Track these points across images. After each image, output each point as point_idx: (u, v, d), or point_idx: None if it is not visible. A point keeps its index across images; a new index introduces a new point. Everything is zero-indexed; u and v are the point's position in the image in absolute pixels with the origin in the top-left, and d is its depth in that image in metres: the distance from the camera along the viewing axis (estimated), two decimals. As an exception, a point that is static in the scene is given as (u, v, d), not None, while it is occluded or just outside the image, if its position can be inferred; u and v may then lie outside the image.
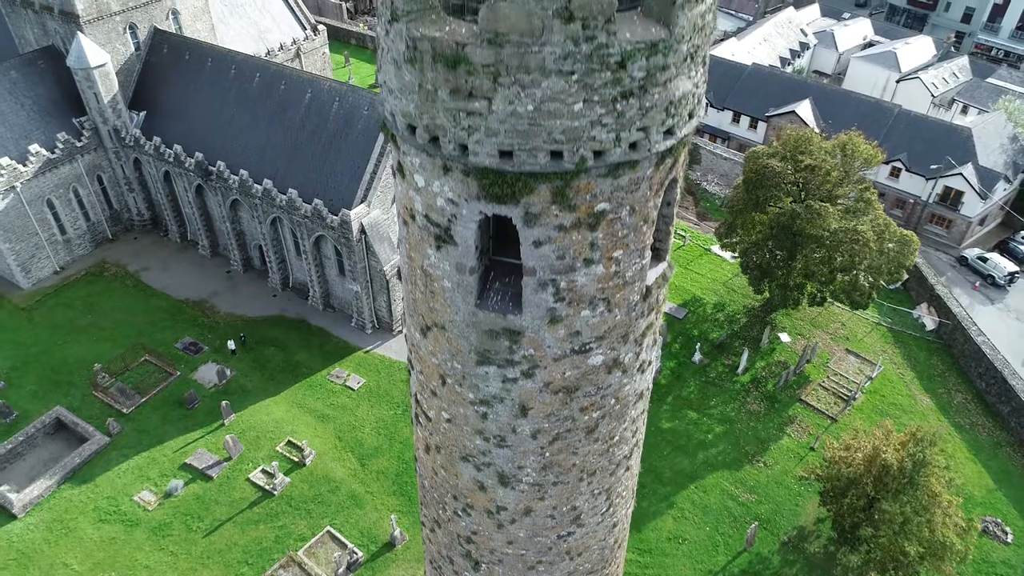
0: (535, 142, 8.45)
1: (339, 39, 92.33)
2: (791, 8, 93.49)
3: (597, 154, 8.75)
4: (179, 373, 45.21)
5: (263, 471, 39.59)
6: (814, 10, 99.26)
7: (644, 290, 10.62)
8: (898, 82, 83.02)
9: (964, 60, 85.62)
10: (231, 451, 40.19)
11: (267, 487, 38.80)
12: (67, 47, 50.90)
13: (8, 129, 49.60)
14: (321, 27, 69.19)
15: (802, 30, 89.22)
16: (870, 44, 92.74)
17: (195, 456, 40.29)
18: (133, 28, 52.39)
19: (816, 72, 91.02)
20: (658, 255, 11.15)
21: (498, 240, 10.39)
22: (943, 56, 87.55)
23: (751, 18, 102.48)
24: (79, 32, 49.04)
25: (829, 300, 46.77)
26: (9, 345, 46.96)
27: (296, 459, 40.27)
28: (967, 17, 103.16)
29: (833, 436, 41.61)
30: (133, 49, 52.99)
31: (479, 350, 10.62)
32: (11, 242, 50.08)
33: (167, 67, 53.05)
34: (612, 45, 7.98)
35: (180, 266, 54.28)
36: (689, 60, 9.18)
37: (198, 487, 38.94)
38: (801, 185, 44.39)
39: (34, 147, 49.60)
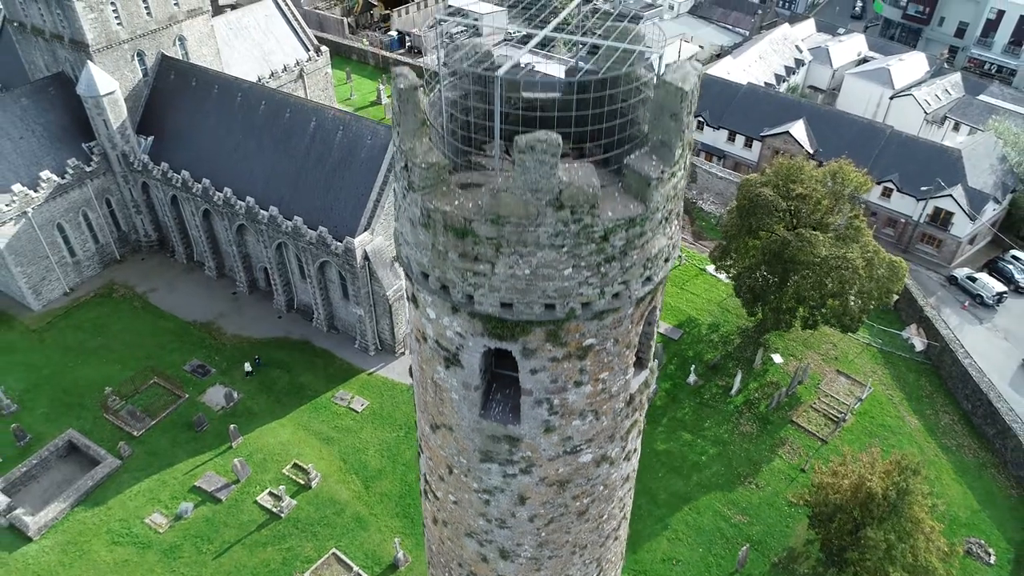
0: (531, 297, 9.75)
1: (341, 55, 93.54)
2: (786, 24, 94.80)
3: (584, 305, 10.05)
4: (187, 396, 46.46)
5: (270, 493, 40.84)
6: (809, 25, 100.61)
7: (628, 397, 11.94)
8: (891, 99, 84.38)
9: (956, 77, 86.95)
10: (239, 474, 41.44)
11: (274, 509, 40.05)
12: (77, 74, 52.15)
13: (20, 155, 50.84)
14: (324, 48, 70.39)
15: (797, 46, 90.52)
16: (864, 60, 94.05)
17: (204, 479, 41.55)
18: (141, 55, 53.62)
19: (811, 87, 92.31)
20: (640, 363, 12.45)
21: (499, 355, 11.67)
22: (936, 72, 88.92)
23: (747, 33, 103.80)
24: (89, 61, 50.27)
25: (820, 323, 48.02)
26: (21, 367, 48.19)
27: (302, 481, 41.53)
28: (960, 32, 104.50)
29: (823, 459, 42.90)
30: (141, 75, 54.23)
31: (482, 450, 11.93)
32: (22, 265, 51.32)
33: (174, 93, 54.28)
34: (596, 224, 9.26)
35: (187, 287, 55.52)
36: (663, 222, 10.47)
37: (207, 509, 40.19)
38: (792, 213, 45.67)
39: (45, 173, 50.86)
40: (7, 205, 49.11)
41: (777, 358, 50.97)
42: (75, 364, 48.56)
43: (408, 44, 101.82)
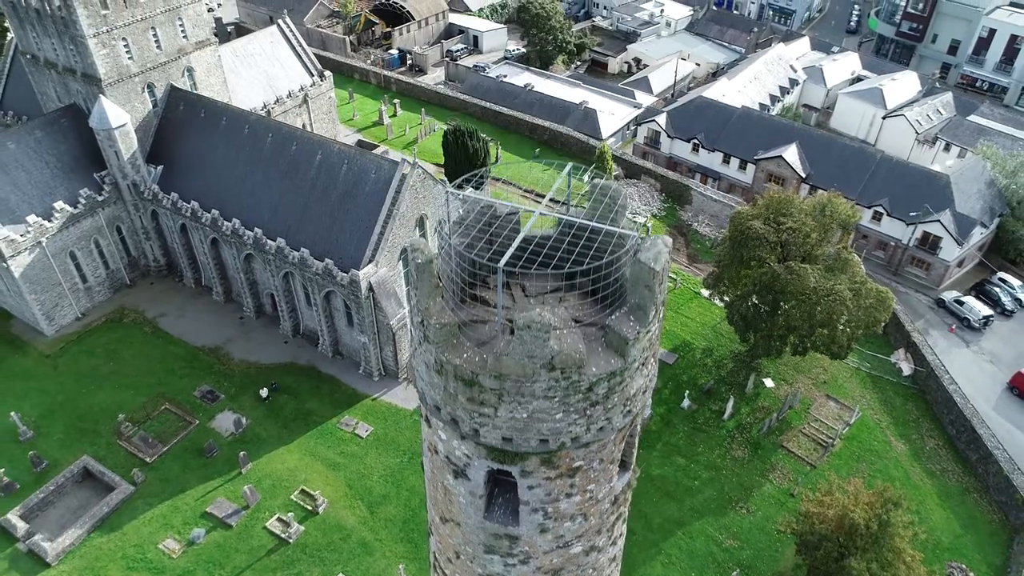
0: (528, 435, 11.36)
1: (343, 73, 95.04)
2: (781, 44, 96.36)
3: (573, 439, 11.67)
4: (197, 422, 48.03)
5: (279, 519, 42.41)
6: (804, 44, 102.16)
7: (613, 498, 13.55)
8: (884, 118, 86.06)
9: (948, 96, 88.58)
10: (248, 500, 43.02)
11: (283, 535, 41.62)
12: (89, 106, 53.74)
13: (34, 187, 52.41)
14: (327, 73, 71.90)
15: (791, 66, 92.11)
16: (858, 79, 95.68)
17: (215, 505, 43.12)
18: (151, 87, 55.18)
19: (806, 106, 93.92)
20: (624, 465, 14.04)
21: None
22: (928, 92, 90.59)
23: (743, 50, 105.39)
24: (101, 95, 51.84)
25: (810, 350, 49.59)
26: (36, 393, 49.76)
27: (309, 507, 43.11)
28: (953, 49, 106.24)
29: (811, 484, 44.52)
30: (151, 107, 55.78)
31: (486, 544, 13.53)
32: (36, 293, 52.87)
33: (183, 124, 55.85)
34: (583, 379, 10.87)
35: (195, 312, 57.07)
36: (641, 367, 12.07)
37: (219, 535, 41.76)
38: (782, 246, 47.25)
39: (59, 204, 52.42)
40: (22, 236, 50.68)
41: (769, 382, 52.54)
42: (88, 390, 50.11)
43: (409, 62, 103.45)
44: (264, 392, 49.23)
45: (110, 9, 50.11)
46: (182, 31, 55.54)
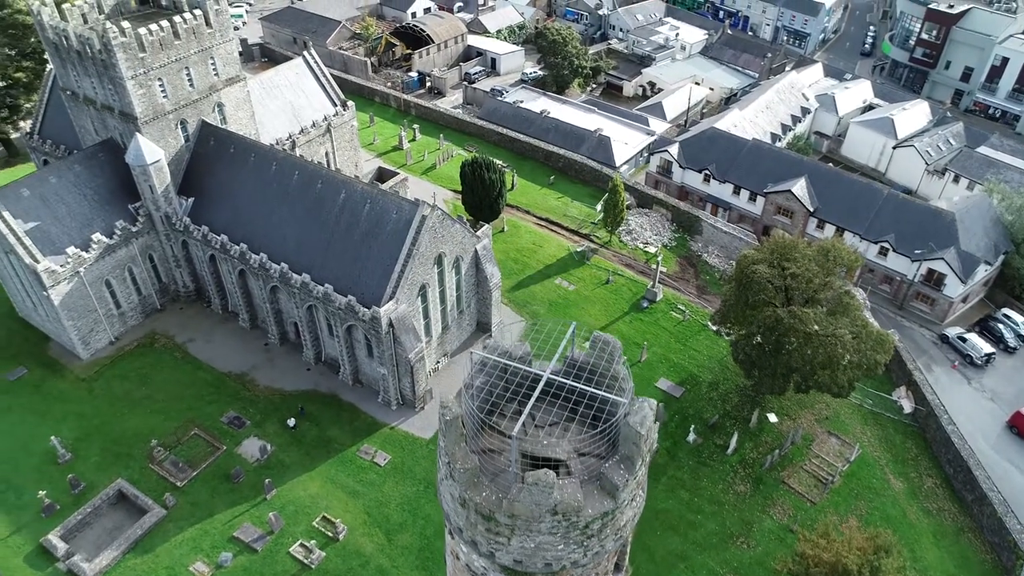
0: (535, 559, 13.53)
1: (364, 96, 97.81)
2: (794, 72, 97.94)
3: (573, 562, 13.82)
4: (225, 447, 50.56)
5: (302, 545, 44.83)
6: (817, 70, 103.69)
7: None
8: (894, 148, 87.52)
9: (959, 127, 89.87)
10: (273, 526, 45.48)
11: (305, 560, 44.03)
12: (125, 141, 56.48)
13: (73, 219, 55.21)
14: (350, 103, 74.36)
15: (803, 94, 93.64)
16: (870, 107, 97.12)
17: (242, 529, 45.61)
18: (184, 123, 57.82)
19: (817, 133, 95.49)
20: (619, 567, 16.13)
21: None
22: (939, 121, 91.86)
23: (756, 75, 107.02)
24: (137, 132, 54.55)
25: (812, 389, 51.35)
26: (74, 417, 52.53)
27: (330, 534, 45.49)
28: (966, 76, 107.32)
29: (810, 520, 46.33)
30: (183, 141, 58.41)
31: None
32: (74, 319, 55.65)
33: (213, 158, 58.47)
34: (580, 520, 12.99)
35: (222, 338, 59.68)
36: (629, 503, 14.17)
37: (245, 559, 44.22)
38: (786, 291, 49.08)
39: (96, 235, 55.18)
40: (62, 266, 53.47)
41: (773, 417, 54.32)
42: (122, 414, 52.80)
43: (428, 84, 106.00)
44: (292, 422, 51.65)
45: (147, 52, 52.71)
46: (214, 70, 58.12)
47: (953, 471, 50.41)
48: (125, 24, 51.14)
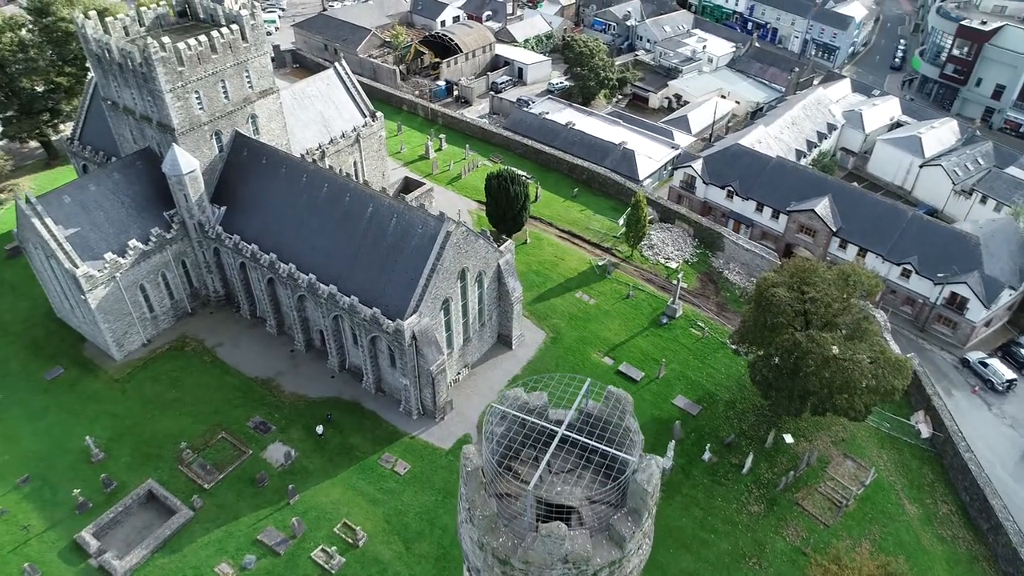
0: None
1: (392, 104, 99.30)
2: (821, 88, 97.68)
3: None
4: (250, 452, 52.11)
5: (323, 550, 46.16)
6: (845, 86, 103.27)
7: None
8: (921, 167, 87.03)
9: (988, 146, 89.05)
10: (296, 531, 46.88)
11: (326, 566, 45.35)
12: (162, 150, 58.34)
13: (111, 225, 57.19)
14: (379, 114, 75.79)
15: (830, 110, 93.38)
16: (897, 124, 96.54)
17: (265, 533, 47.08)
18: (218, 134, 59.56)
19: (843, 150, 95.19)
20: None
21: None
22: (967, 140, 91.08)
23: (783, 89, 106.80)
24: (174, 143, 56.36)
25: (829, 412, 51.63)
26: (107, 417, 54.44)
27: (350, 541, 46.79)
28: (997, 94, 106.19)
29: (823, 543, 46.69)
30: (217, 151, 60.13)
31: None
32: (109, 322, 57.63)
33: (246, 168, 60.15)
34: (589, 568, 13.90)
35: (250, 343, 61.34)
36: (636, 551, 15.06)
37: (268, 562, 45.67)
38: (805, 314, 49.46)
39: (132, 242, 57.12)
40: (99, 271, 55.44)
41: (789, 438, 54.63)
42: (153, 416, 54.60)
43: (455, 93, 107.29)
44: (320, 429, 53.06)
45: (185, 66, 54.46)
46: (248, 82, 59.79)
47: (969, 498, 50.43)
48: (165, 39, 52.86)
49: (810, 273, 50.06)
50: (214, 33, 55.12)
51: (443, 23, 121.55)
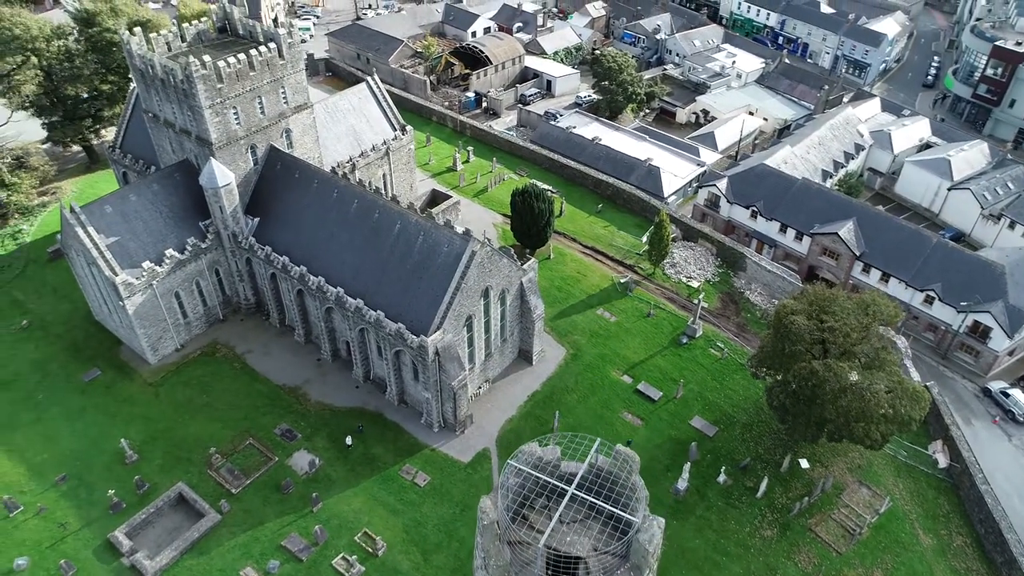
0: None
1: (421, 115, 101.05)
2: (850, 107, 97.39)
3: None
4: (277, 459, 53.85)
5: (344, 558, 47.68)
6: (874, 105, 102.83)
7: None
8: (949, 190, 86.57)
9: (1019, 170, 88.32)
10: (318, 538, 48.47)
11: (346, 574, 46.83)
12: (199, 163, 60.39)
13: (149, 235, 59.37)
14: (409, 128, 77.36)
15: (859, 130, 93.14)
16: (927, 146, 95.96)
17: (289, 539, 48.73)
18: (254, 148, 61.48)
19: (871, 170, 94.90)
20: None
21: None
22: (998, 164, 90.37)
23: (812, 107, 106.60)
24: (211, 157, 58.36)
25: (845, 439, 52.01)
26: (141, 420, 56.56)
27: (370, 550, 48.26)
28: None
29: (835, 571, 47.15)
30: (252, 164, 62.06)
31: None
32: (145, 328, 59.82)
33: (279, 182, 62.00)
34: None
35: (279, 351, 63.19)
36: None
37: (291, 568, 47.30)
38: (823, 343, 49.92)
39: (169, 251, 59.25)
40: (137, 279, 57.62)
41: (804, 463, 55.06)
42: (184, 420, 56.61)
43: (484, 105, 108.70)
44: (349, 440, 54.61)
45: (224, 83, 56.40)
46: (284, 98, 61.64)
47: (984, 531, 50.50)
48: (206, 57, 54.82)
49: (830, 302, 50.55)
50: (253, 52, 56.97)
51: (474, 34, 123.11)
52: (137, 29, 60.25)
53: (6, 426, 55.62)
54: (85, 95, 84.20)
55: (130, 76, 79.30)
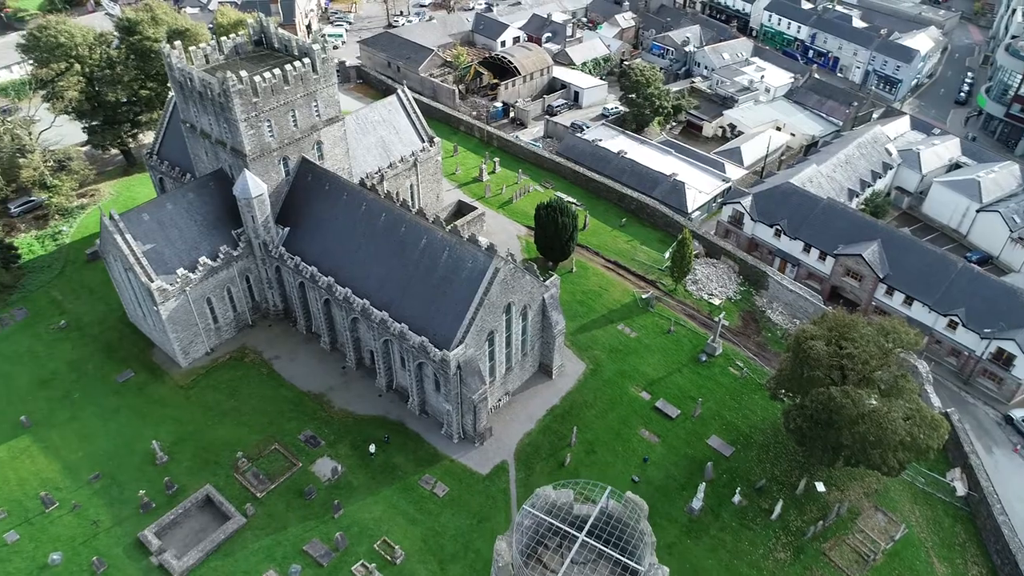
0: None
1: (449, 125, 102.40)
2: (878, 125, 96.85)
3: None
4: (300, 464, 55.36)
5: (363, 565, 48.98)
6: (903, 123, 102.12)
7: None
8: (978, 212, 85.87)
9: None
10: (339, 544, 49.83)
11: (365, 580, 48.18)
12: (233, 173, 62.20)
13: (184, 242, 61.28)
14: (437, 139, 78.62)
15: (887, 149, 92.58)
16: (956, 166, 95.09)
17: (311, 544, 50.15)
18: (286, 160, 63.15)
19: (898, 189, 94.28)
20: None
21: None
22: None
23: (840, 123, 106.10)
24: (245, 168, 60.10)
25: (862, 465, 52.17)
26: (171, 422, 58.44)
27: (389, 557, 49.50)
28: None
29: (847, 597, 47.39)
30: (284, 175, 63.74)
31: None
32: (177, 332, 61.76)
33: (310, 193, 63.61)
34: None
35: (305, 357, 64.80)
36: None
37: (312, 572, 48.68)
38: (842, 368, 50.17)
39: (202, 259, 61.10)
40: (171, 285, 59.53)
41: (820, 486, 55.21)
42: (212, 423, 58.38)
43: (511, 115, 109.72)
44: (372, 448, 55.94)
45: (259, 97, 58.09)
46: (316, 111, 63.23)
47: (1001, 562, 50.39)
48: (243, 72, 56.50)
49: (849, 328, 50.77)
50: (288, 67, 58.57)
51: (503, 43, 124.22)
52: (177, 43, 62.28)
53: (44, 423, 57.88)
54: (124, 100, 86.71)
55: (168, 83, 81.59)
